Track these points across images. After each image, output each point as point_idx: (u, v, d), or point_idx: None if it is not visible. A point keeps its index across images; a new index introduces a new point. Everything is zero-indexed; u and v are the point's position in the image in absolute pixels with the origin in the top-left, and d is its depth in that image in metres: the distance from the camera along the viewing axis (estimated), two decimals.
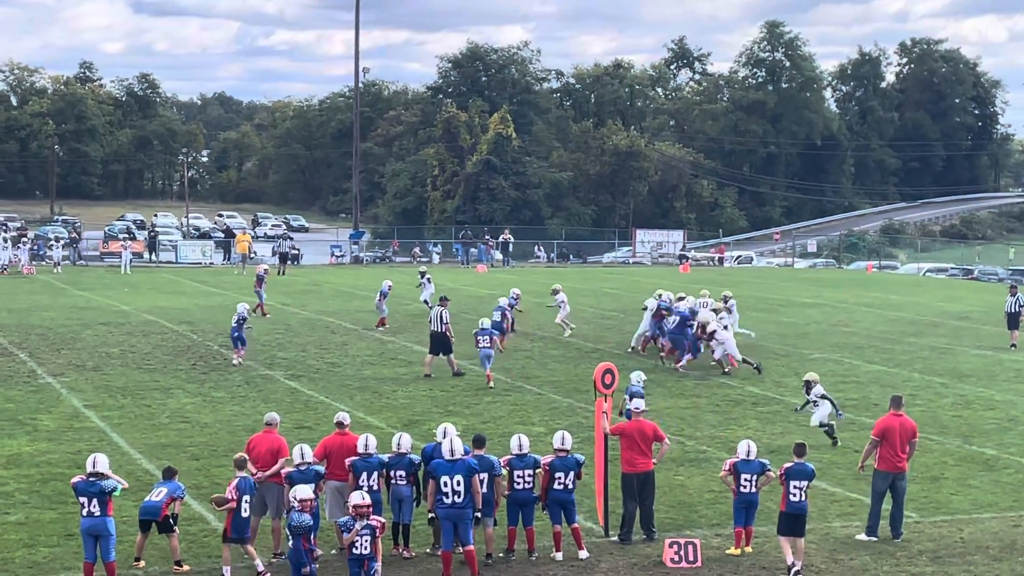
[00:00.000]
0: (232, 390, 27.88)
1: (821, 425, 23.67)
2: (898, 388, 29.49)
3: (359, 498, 14.75)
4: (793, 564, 15.92)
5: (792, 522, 16.33)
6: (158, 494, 15.60)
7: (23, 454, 21.47)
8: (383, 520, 14.96)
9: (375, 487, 16.04)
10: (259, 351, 33.57)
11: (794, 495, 16.38)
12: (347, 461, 16.26)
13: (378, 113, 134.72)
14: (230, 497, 15.34)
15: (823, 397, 23.99)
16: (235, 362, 31.13)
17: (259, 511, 16.42)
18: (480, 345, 28.83)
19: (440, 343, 30.29)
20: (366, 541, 14.48)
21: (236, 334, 31.31)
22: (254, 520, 16.39)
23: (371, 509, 14.71)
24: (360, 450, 16.26)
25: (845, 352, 35.79)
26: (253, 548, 15.60)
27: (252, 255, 65.32)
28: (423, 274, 43.90)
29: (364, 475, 16.06)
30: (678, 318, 32.26)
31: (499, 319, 33.70)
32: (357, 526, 14.47)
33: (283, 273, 59.99)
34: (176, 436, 22.69)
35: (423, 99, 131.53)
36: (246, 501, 15.40)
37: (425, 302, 42.04)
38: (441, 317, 30.21)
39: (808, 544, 17.30)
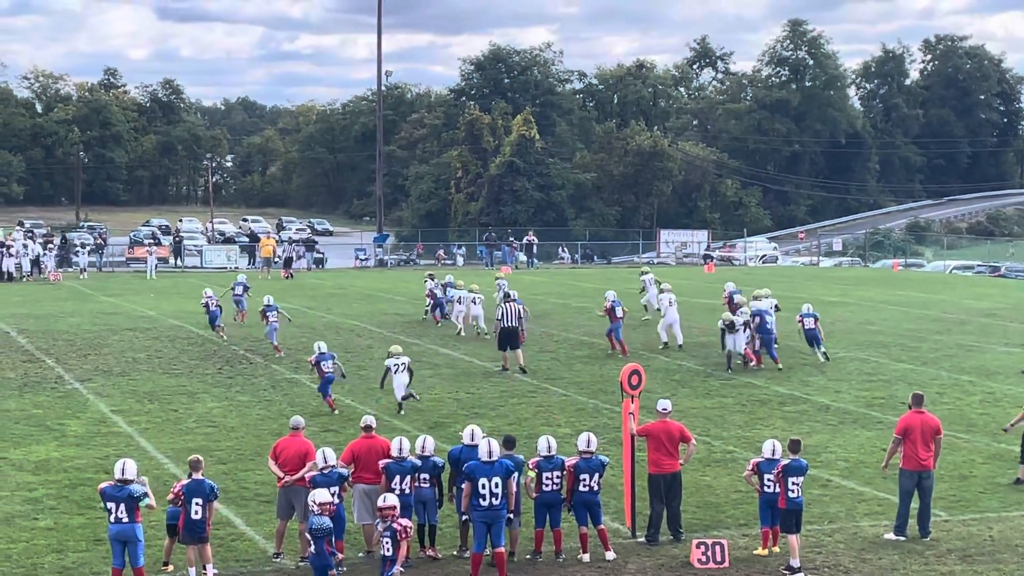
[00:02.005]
0: (258, 394, 27.95)
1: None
2: (925, 386, 29.36)
3: (382, 500, 14.77)
4: (793, 564, 16.05)
5: (793, 518, 16.42)
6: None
7: (51, 459, 21.56)
8: (408, 523, 14.95)
9: (407, 490, 16.06)
10: (285, 355, 33.62)
11: (792, 491, 16.46)
12: (381, 464, 16.27)
13: (401, 116, 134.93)
14: (170, 497, 15.43)
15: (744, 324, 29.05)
16: (236, 320, 37.59)
17: (286, 515, 16.45)
18: (326, 371, 26.69)
19: (510, 338, 31.09)
20: (387, 543, 14.52)
21: (238, 299, 38.47)
22: (280, 524, 16.42)
23: (396, 512, 14.71)
24: (394, 453, 16.27)
25: (872, 350, 35.64)
26: (209, 550, 15.57)
27: (277, 259, 65.43)
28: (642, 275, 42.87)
29: (397, 478, 16.08)
30: (758, 318, 32.13)
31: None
32: (380, 527, 14.51)
33: (291, 276, 60.21)
34: (203, 440, 22.75)
35: (446, 102, 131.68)
36: (197, 503, 15.31)
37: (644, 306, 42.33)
38: (515, 313, 31.07)
39: (836, 544, 17.26)
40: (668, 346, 34.88)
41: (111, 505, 14.85)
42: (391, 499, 14.84)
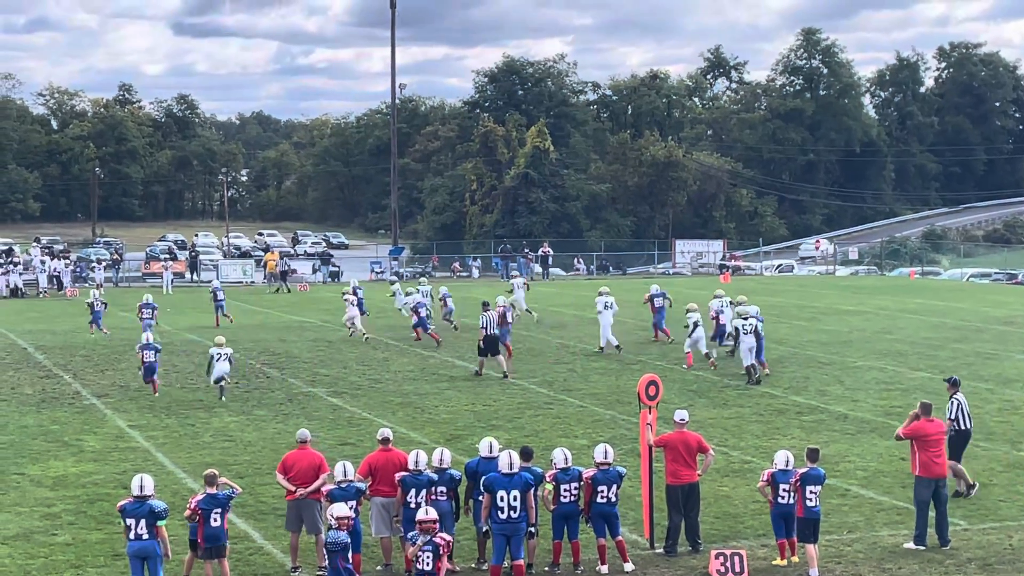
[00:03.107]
0: (274, 408, 27.96)
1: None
2: (944, 395, 29.20)
3: (423, 513, 14.69)
4: (812, 574, 15.99)
5: (810, 528, 16.37)
6: (215, 520, 15.46)
7: (69, 475, 21.60)
8: (449, 538, 14.83)
9: (422, 503, 16.03)
10: (301, 368, 33.69)
11: (810, 500, 16.42)
12: (396, 476, 16.24)
13: (415, 129, 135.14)
14: (187, 514, 15.43)
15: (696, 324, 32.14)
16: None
17: (297, 527, 16.42)
18: (146, 361, 29.80)
19: (492, 344, 32.06)
20: (428, 557, 14.38)
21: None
22: (293, 538, 16.39)
23: (437, 525, 14.64)
24: (411, 466, 16.24)
25: (889, 359, 35.54)
26: (227, 565, 15.57)
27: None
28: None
29: (413, 491, 16.05)
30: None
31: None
32: (420, 541, 14.41)
33: (286, 291, 60.23)
34: (220, 455, 22.77)
35: (460, 114, 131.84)
36: (216, 513, 15.34)
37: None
38: (496, 319, 32.27)
39: (855, 553, 17.19)
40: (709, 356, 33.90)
41: (131, 522, 14.77)
42: (432, 512, 14.76)
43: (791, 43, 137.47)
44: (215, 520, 15.32)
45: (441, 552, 14.40)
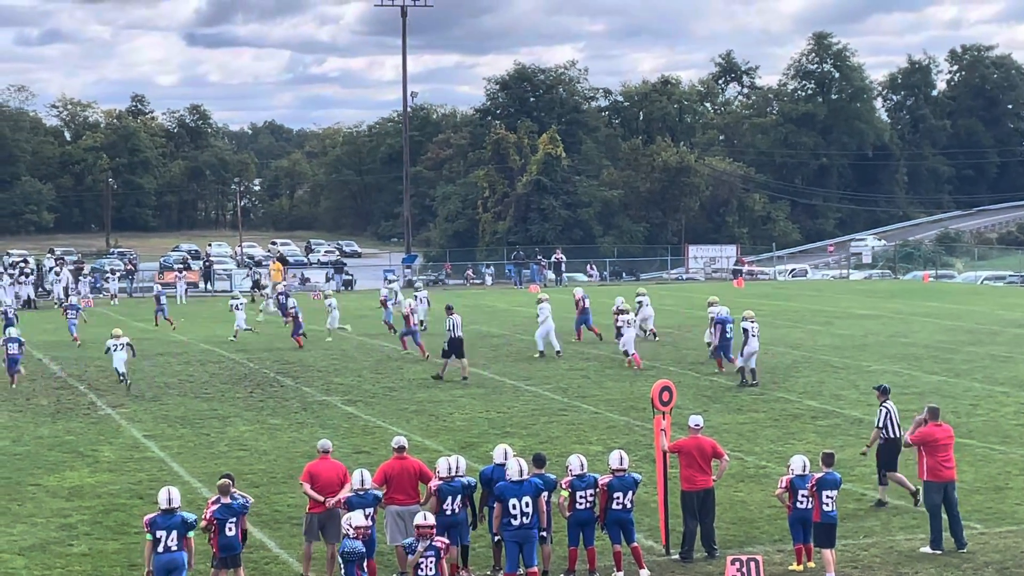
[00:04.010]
0: (289, 417, 27.99)
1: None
2: (959, 398, 29.20)
3: (421, 518, 14.71)
4: None
5: (827, 532, 16.36)
6: (229, 529, 15.45)
7: (85, 485, 21.63)
8: (447, 541, 14.89)
9: (457, 511, 16.05)
10: (315, 377, 33.72)
11: (826, 505, 16.40)
12: (432, 486, 16.19)
13: (427, 137, 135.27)
14: (204, 524, 15.41)
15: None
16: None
17: (316, 537, 16.41)
18: (9, 352, 32.98)
19: (457, 347, 32.87)
20: (431, 563, 14.39)
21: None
22: (307, 546, 16.37)
23: (434, 530, 14.65)
24: (444, 474, 16.23)
25: (904, 363, 35.46)
26: (243, 573, 15.57)
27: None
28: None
29: (449, 499, 16.02)
30: (720, 325, 33.67)
31: None
32: (420, 547, 14.40)
33: (251, 300, 59.62)
34: (235, 464, 22.78)
35: (472, 121, 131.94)
36: (231, 522, 15.34)
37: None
38: (459, 323, 33.20)
39: (872, 558, 17.16)
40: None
41: (161, 534, 14.66)
42: (430, 517, 14.78)
43: (802, 47, 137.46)
44: (230, 529, 15.33)
45: (442, 555, 14.44)
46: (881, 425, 19.85)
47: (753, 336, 31.47)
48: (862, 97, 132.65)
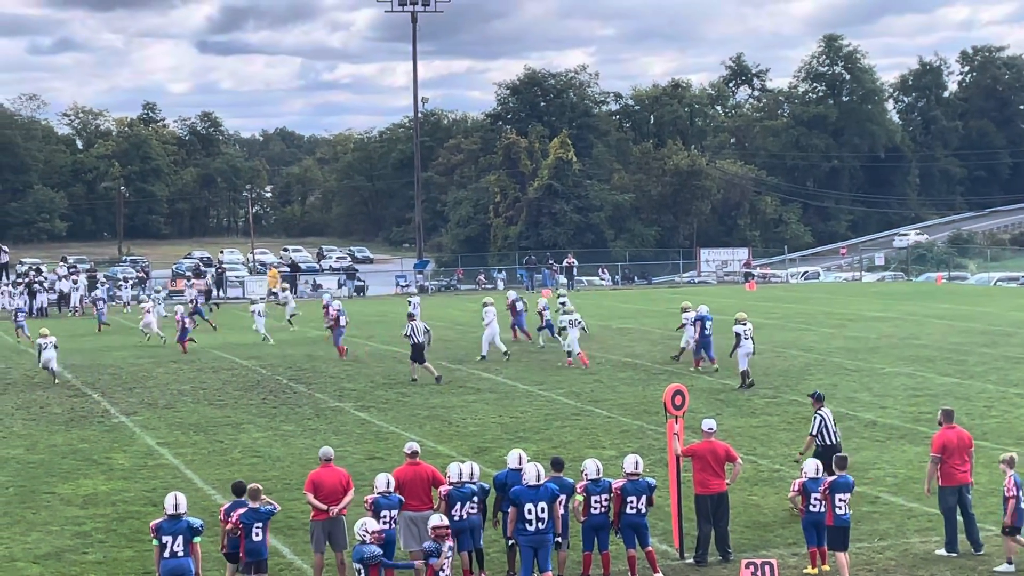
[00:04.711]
0: (302, 423, 28.01)
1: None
2: (972, 400, 29.13)
3: (437, 520, 14.70)
4: None
5: (840, 536, 16.32)
6: (256, 534, 15.45)
7: (99, 493, 21.67)
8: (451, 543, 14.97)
9: (465, 516, 16.05)
10: (328, 383, 33.75)
11: (839, 508, 16.35)
12: (443, 491, 16.21)
13: (438, 142, 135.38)
14: (229, 527, 15.46)
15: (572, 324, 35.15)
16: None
17: (322, 547, 16.34)
18: None
19: (421, 352, 33.81)
20: (448, 564, 14.43)
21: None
22: (318, 557, 16.32)
23: (450, 532, 14.68)
24: (453, 479, 16.23)
25: (917, 365, 35.39)
26: None
27: (283, 289, 65.95)
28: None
29: (458, 504, 16.02)
30: (700, 323, 34.62)
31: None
32: (445, 548, 14.41)
33: (209, 310, 58.12)
34: (249, 471, 22.80)
35: (482, 126, 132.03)
36: (258, 527, 15.39)
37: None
38: (421, 329, 34.05)
39: (887, 561, 17.12)
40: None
41: (167, 539, 14.70)
42: (445, 519, 14.81)
43: (813, 50, 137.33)
44: (257, 535, 15.36)
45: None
46: (815, 432, 19.73)
47: (746, 339, 31.62)
48: (873, 99, 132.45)
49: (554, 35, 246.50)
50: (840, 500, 16.35)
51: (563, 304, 39.19)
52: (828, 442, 19.66)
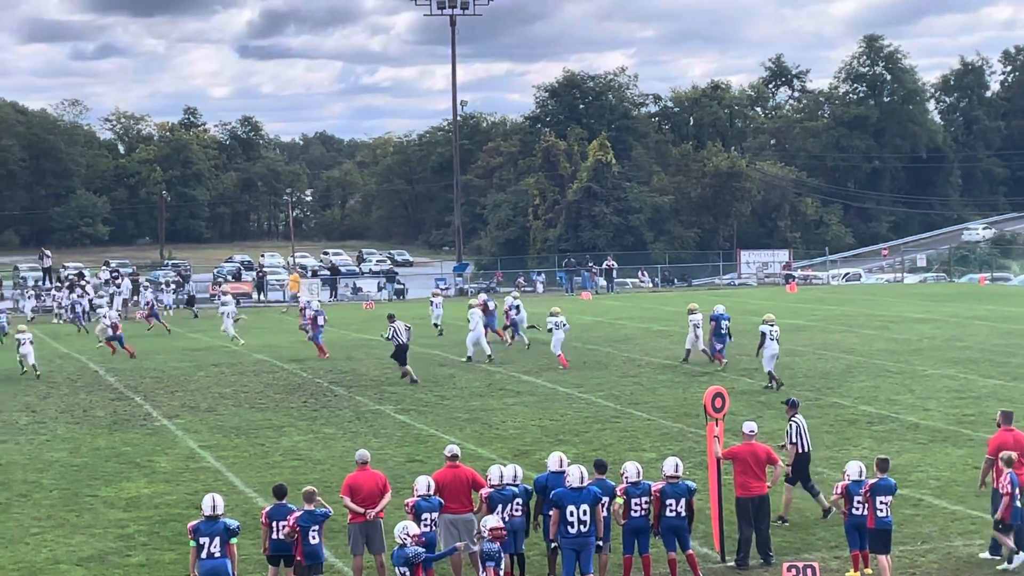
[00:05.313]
0: (343, 426, 28.09)
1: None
2: (1016, 402, 28.85)
3: (496, 521, 14.72)
4: None
5: (882, 539, 16.23)
6: (313, 537, 15.47)
7: (142, 496, 21.81)
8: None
9: (507, 518, 16.05)
10: (368, 386, 33.84)
11: (880, 511, 16.27)
12: (484, 493, 16.24)
13: (477, 145, 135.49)
14: (287, 530, 15.51)
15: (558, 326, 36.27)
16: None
17: (361, 550, 16.38)
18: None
19: (405, 353, 34.62)
20: (491, 569, 14.43)
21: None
22: (357, 560, 16.35)
23: (506, 532, 14.70)
24: (494, 481, 16.25)
25: (960, 367, 35.14)
26: None
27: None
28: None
29: (500, 507, 16.03)
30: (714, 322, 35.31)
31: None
32: (497, 548, 14.43)
33: (193, 316, 59.42)
34: (290, 474, 22.89)
35: (521, 129, 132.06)
36: (314, 530, 15.45)
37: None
38: (403, 329, 34.82)
39: (930, 564, 17.01)
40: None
41: (204, 540, 14.82)
42: (500, 520, 14.85)
43: (853, 50, 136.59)
44: (313, 537, 15.43)
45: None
46: (794, 440, 19.50)
47: (772, 339, 31.64)
48: (915, 99, 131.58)
49: (594, 37, 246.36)
50: (881, 503, 16.26)
51: (517, 308, 42.50)
52: (803, 449, 19.46)
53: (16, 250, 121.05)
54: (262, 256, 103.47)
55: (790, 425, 19.53)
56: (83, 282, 63.27)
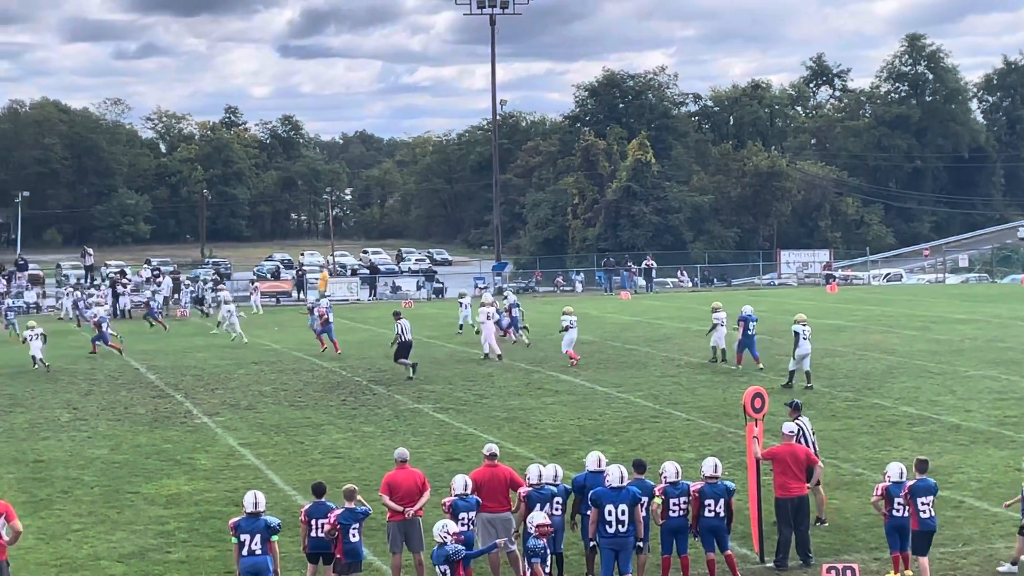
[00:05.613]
0: (382, 424, 28.15)
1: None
2: None
3: (542, 517, 14.74)
4: None
5: (925, 540, 16.15)
6: (353, 535, 15.53)
7: (182, 493, 21.93)
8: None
9: (551, 517, 16.05)
10: (406, 384, 33.90)
11: (923, 512, 16.16)
12: (522, 492, 16.23)
13: (516, 144, 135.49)
14: (327, 528, 15.54)
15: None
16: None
17: (400, 548, 16.41)
18: None
19: (408, 349, 35.32)
20: (537, 564, 14.44)
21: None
22: (396, 558, 16.38)
23: (553, 529, 14.72)
24: (533, 481, 16.24)
25: (1002, 368, 34.87)
26: None
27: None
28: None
29: (538, 506, 16.03)
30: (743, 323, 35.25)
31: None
32: (543, 544, 14.44)
33: (204, 315, 59.18)
34: (329, 472, 22.95)
35: (561, 128, 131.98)
36: (355, 528, 15.48)
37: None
38: (408, 328, 35.63)
39: (971, 566, 16.90)
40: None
41: (245, 538, 14.88)
42: (546, 517, 14.87)
43: (895, 49, 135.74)
44: (354, 535, 15.48)
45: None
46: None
47: (804, 339, 31.68)
48: (957, 99, 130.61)
49: (634, 36, 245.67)
50: (923, 504, 16.15)
51: (516, 306, 44.24)
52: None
53: (59, 248, 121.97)
54: (302, 255, 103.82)
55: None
56: (124, 280, 63.66)
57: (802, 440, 18.87)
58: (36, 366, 38.23)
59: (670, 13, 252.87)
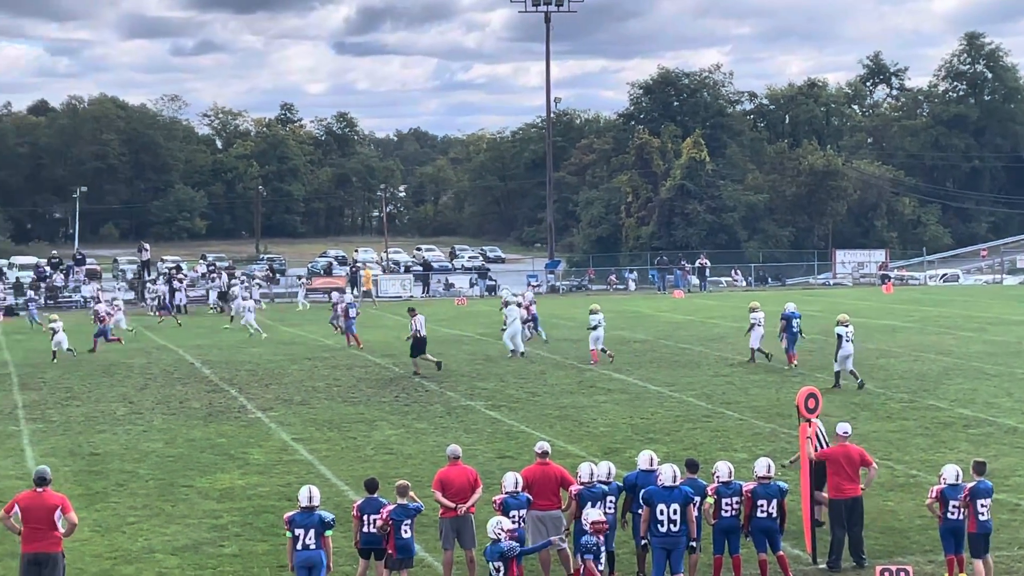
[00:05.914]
0: (434, 421, 28.22)
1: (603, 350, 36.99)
2: None
3: (597, 515, 14.73)
4: None
5: (982, 542, 15.98)
6: (405, 531, 15.56)
7: (235, 487, 22.06)
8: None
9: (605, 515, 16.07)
10: (459, 381, 33.96)
11: (981, 514, 16.00)
12: (573, 491, 16.23)
13: (570, 142, 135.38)
14: (380, 524, 15.56)
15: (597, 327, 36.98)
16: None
17: (451, 544, 16.42)
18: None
19: (423, 345, 35.81)
20: (590, 561, 14.44)
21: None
22: (447, 554, 16.38)
23: (608, 526, 14.74)
24: (584, 479, 16.22)
25: None
26: None
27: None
28: None
29: (588, 504, 15.99)
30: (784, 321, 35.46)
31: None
32: (595, 541, 14.44)
33: (222, 310, 58.86)
34: (382, 468, 23.02)
35: (615, 126, 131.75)
36: (406, 524, 15.51)
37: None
38: (423, 323, 36.02)
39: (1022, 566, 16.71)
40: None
41: (299, 532, 14.98)
42: (601, 514, 14.87)
43: (954, 48, 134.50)
44: (405, 531, 15.52)
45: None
46: (816, 447, 19.08)
47: (847, 340, 31.59)
48: (1016, 98, 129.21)
49: (689, 34, 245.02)
50: (982, 506, 15.99)
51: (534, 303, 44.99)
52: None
53: (116, 243, 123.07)
54: (356, 251, 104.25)
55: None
56: (180, 275, 64.14)
57: (820, 445, 18.75)
58: (68, 351, 39.91)
59: (726, 11, 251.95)
